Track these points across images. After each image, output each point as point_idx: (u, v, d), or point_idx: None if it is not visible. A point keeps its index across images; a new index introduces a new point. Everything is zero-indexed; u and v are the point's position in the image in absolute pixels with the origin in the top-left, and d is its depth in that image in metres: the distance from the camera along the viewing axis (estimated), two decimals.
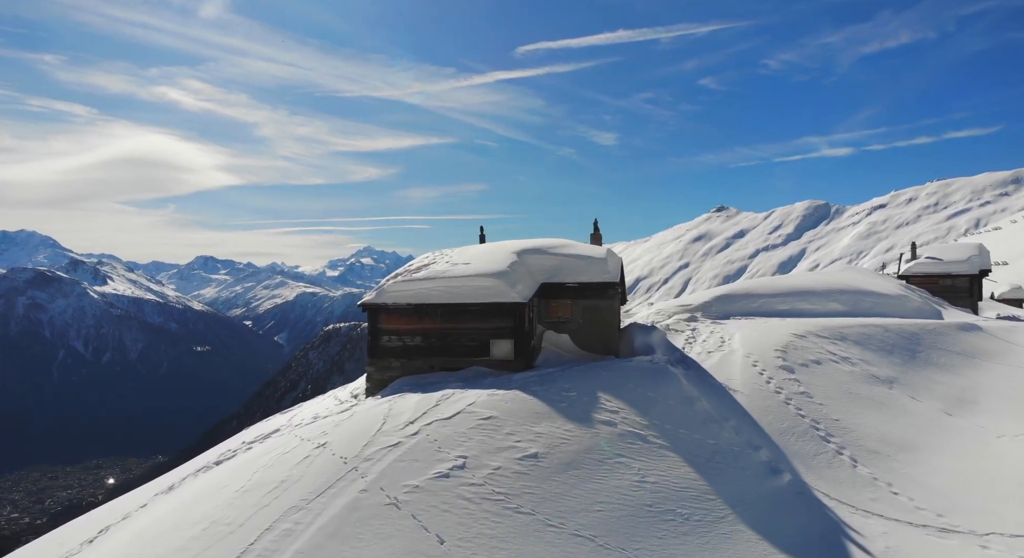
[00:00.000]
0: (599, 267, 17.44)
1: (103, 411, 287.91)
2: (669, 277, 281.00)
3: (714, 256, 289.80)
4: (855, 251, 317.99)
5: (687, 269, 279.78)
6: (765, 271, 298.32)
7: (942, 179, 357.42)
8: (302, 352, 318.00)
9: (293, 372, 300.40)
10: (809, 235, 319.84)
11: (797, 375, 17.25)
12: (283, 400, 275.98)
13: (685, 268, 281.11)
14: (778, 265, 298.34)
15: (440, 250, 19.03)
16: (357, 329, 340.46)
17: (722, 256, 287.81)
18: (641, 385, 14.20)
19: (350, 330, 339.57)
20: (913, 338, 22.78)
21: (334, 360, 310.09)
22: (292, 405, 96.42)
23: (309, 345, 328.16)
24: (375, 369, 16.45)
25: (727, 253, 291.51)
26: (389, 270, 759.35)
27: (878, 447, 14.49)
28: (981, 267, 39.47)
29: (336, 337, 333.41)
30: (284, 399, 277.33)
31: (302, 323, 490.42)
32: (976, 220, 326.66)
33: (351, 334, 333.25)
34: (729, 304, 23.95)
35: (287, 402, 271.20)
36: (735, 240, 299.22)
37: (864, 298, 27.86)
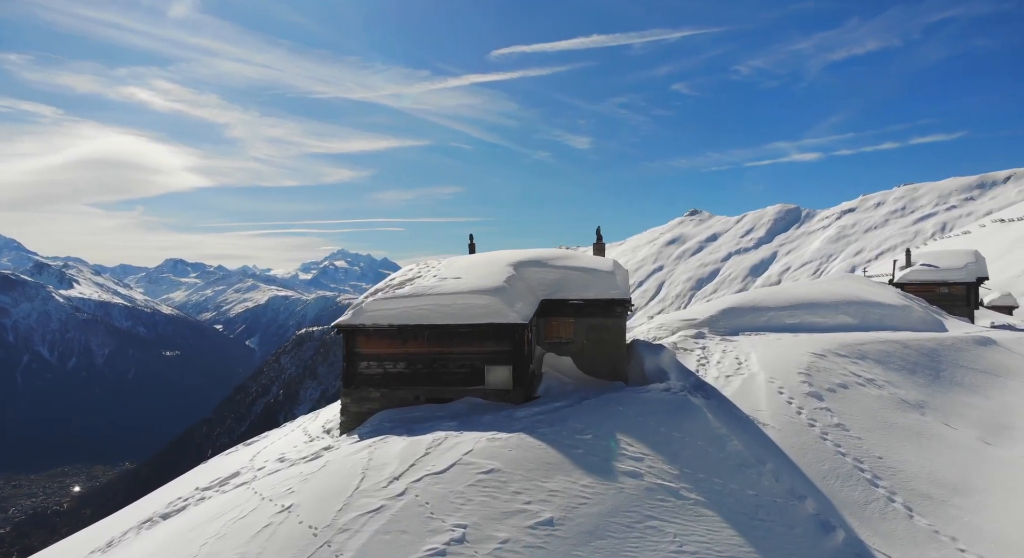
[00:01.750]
0: (606, 282, 15.46)
1: (69, 417, 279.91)
2: (643, 280, 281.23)
3: (687, 259, 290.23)
4: (825, 254, 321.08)
5: (661, 272, 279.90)
6: (737, 274, 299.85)
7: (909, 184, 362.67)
8: (274, 357, 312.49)
9: (265, 377, 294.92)
10: (780, 238, 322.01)
11: (827, 402, 15.46)
12: (254, 405, 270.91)
13: (659, 271, 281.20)
14: (750, 268, 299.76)
15: (425, 261, 16.93)
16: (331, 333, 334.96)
17: (695, 259, 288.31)
18: (664, 423, 12.24)
19: (323, 334, 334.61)
20: (933, 355, 21.19)
21: (307, 365, 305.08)
22: (264, 412, 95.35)
23: (281, 349, 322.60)
24: (351, 401, 14.29)
25: (700, 256, 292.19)
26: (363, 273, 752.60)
27: (929, 490, 12.72)
28: (978, 275, 38.31)
29: (309, 341, 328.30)
30: (256, 404, 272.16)
31: (274, 327, 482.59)
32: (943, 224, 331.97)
33: (324, 338, 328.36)
34: (736, 318, 22.16)
35: (258, 407, 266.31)
36: (708, 243, 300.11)
37: (871, 310, 26.29)
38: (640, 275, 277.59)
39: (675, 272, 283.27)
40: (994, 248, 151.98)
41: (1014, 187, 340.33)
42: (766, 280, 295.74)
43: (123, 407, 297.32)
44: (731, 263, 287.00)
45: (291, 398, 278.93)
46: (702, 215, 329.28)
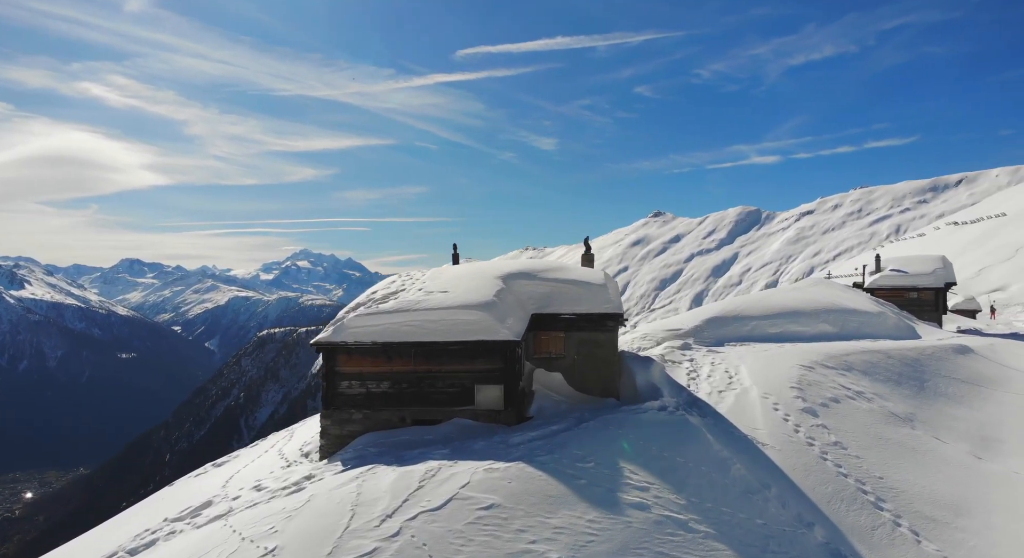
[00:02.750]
0: (598, 295, 14.89)
1: (20, 422, 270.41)
2: None
3: (651, 260, 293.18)
4: (785, 255, 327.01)
5: (626, 273, 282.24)
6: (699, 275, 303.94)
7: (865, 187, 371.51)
8: (235, 359, 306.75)
9: (225, 379, 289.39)
10: (741, 240, 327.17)
11: (821, 419, 15.13)
12: (214, 408, 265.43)
13: (624, 271, 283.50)
14: (712, 269, 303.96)
15: (408, 272, 16.17)
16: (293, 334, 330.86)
17: (659, 260, 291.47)
18: (666, 447, 11.71)
19: (285, 336, 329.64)
20: (915, 365, 21.12)
21: (268, 367, 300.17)
22: (225, 415, 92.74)
23: (242, 351, 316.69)
24: (332, 423, 13.48)
25: (664, 257, 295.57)
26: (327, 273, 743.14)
27: (932, 512, 12.42)
28: (946, 280, 38.82)
29: (271, 343, 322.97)
30: (215, 407, 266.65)
31: (234, 328, 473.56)
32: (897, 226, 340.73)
33: (286, 340, 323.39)
34: (720, 328, 21.84)
35: (218, 410, 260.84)
36: (671, 244, 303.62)
37: (850, 318, 26.27)
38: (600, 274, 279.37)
39: (640, 273, 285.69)
40: (948, 250, 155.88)
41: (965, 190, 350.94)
42: (727, 281, 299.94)
43: (77, 411, 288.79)
44: (694, 264, 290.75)
45: (252, 401, 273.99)
46: (666, 216, 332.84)
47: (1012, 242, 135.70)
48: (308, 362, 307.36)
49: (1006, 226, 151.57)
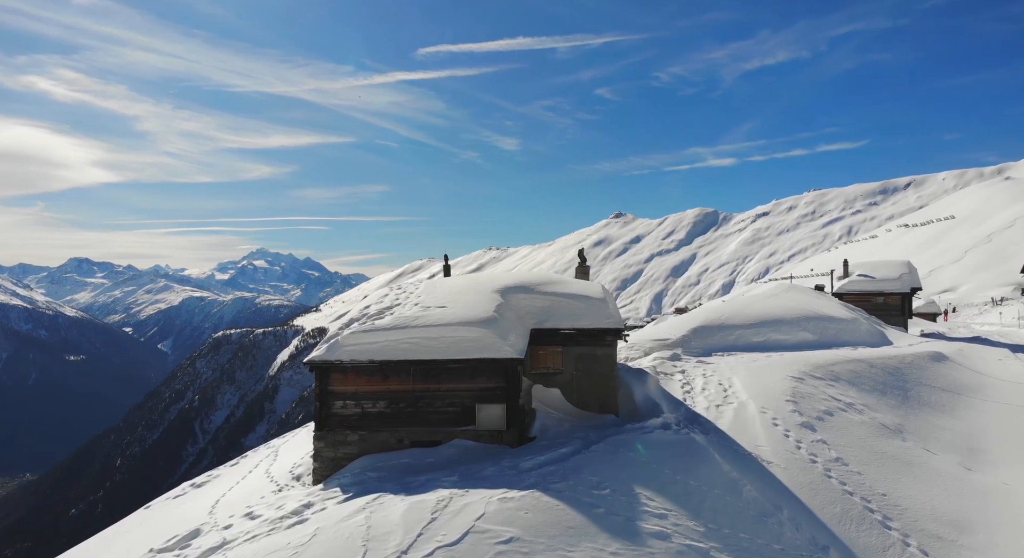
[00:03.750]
0: (599, 310, 14.57)
1: None
2: None
3: (613, 260, 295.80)
4: (741, 256, 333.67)
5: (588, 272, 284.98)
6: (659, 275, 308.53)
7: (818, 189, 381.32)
8: (189, 360, 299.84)
9: (179, 382, 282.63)
10: (699, 240, 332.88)
11: (820, 433, 15.09)
12: (168, 412, 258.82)
13: None
14: (671, 269, 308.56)
15: (399, 285, 15.63)
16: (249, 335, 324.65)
17: (620, 260, 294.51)
18: (679, 470, 11.43)
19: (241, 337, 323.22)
20: (897, 374, 21.36)
21: (224, 369, 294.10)
22: (179, 419, 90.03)
23: (197, 353, 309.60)
24: (326, 445, 12.89)
25: (625, 257, 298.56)
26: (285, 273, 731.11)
27: (937, 529, 12.41)
28: (912, 285, 39.66)
29: (226, 344, 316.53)
30: (169, 410, 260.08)
31: (188, 330, 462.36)
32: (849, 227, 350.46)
33: (243, 341, 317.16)
34: (707, 337, 21.78)
35: (172, 414, 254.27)
36: (632, 245, 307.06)
37: (827, 325, 26.53)
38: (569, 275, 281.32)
39: (602, 273, 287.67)
40: (900, 252, 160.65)
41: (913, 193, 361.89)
42: (686, 280, 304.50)
43: (23, 415, 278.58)
44: (653, 264, 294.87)
45: (207, 404, 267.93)
46: (626, 217, 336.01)
47: (961, 244, 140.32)
48: (265, 363, 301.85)
49: (955, 229, 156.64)
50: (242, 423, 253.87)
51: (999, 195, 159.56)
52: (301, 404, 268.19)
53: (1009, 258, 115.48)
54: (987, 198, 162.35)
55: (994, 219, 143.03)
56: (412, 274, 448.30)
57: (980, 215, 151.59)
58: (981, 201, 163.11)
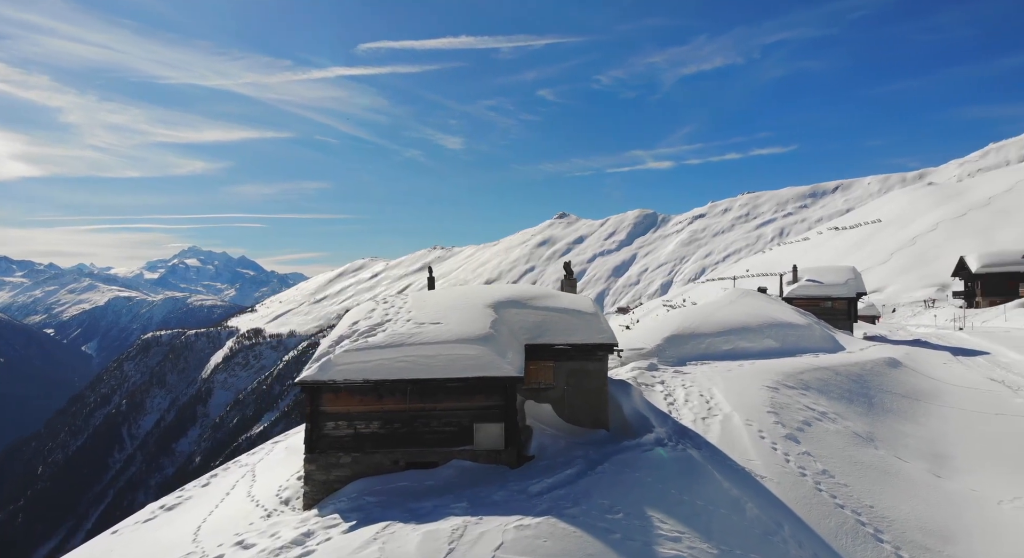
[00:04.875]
0: (592, 325, 14.48)
1: None
2: (516, 280, 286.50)
3: (557, 260, 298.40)
4: (679, 256, 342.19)
5: (533, 272, 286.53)
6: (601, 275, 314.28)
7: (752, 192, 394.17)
8: (115, 363, 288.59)
9: (105, 386, 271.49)
10: (639, 241, 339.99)
11: (804, 445, 15.38)
12: (93, 417, 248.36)
13: (531, 271, 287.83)
14: (613, 269, 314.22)
15: (384, 298, 15.18)
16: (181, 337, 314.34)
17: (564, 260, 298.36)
18: (684, 489, 11.43)
19: (172, 338, 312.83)
20: (860, 381, 22.04)
21: (154, 372, 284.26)
22: (105, 424, 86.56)
23: (124, 355, 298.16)
24: (317, 468, 12.40)
25: (568, 257, 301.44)
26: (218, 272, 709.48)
27: (924, 540, 12.77)
28: (857, 290, 41.14)
29: (156, 346, 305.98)
30: (94, 415, 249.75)
31: (115, 331, 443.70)
32: (781, 229, 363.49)
33: (174, 343, 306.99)
34: (680, 346, 22.03)
35: (97, 419, 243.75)
36: (575, 245, 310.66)
37: (788, 332, 27.21)
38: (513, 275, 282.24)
39: (546, 272, 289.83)
40: (830, 253, 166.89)
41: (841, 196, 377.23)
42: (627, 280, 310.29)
43: None
44: (596, 264, 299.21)
45: (136, 408, 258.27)
46: (570, 218, 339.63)
47: (887, 246, 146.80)
48: (198, 366, 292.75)
49: (881, 231, 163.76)
50: (173, 428, 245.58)
51: (923, 200, 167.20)
52: (236, 407, 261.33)
53: (932, 260, 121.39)
54: (911, 202, 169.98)
55: (918, 222, 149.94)
56: (353, 273, 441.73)
57: (905, 219, 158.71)
58: (906, 205, 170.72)
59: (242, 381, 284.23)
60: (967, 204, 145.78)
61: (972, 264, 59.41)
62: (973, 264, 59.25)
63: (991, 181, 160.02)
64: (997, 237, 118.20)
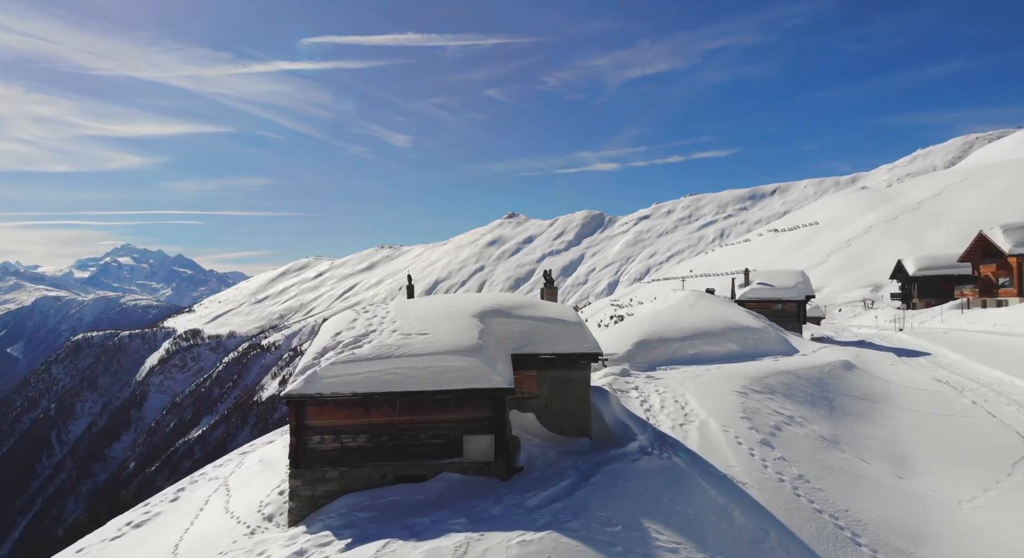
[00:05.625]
0: (577, 334, 14.53)
1: None
2: (466, 279, 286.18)
3: (507, 260, 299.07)
4: (625, 257, 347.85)
5: (482, 272, 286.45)
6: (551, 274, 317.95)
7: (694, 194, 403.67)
8: (43, 366, 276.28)
9: (32, 389, 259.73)
10: (587, 241, 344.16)
11: (778, 450, 15.77)
12: (19, 422, 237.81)
13: (481, 271, 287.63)
14: (562, 268, 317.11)
15: (365, 307, 14.92)
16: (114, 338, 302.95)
17: (514, 260, 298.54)
18: (676, 499, 11.57)
19: (105, 340, 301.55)
20: (820, 384, 22.76)
21: (85, 374, 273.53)
22: (33, 429, 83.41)
23: (52, 358, 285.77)
24: (303, 483, 12.09)
25: (518, 257, 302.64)
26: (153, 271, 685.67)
27: (897, 542, 13.22)
28: (806, 293, 42.48)
29: (87, 348, 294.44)
30: (21, 421, 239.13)
31: (43, 332, 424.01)
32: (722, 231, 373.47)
33: (106, 344, 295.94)
34: (649, 351, 22.36)
35: (25, 424, 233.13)
36: (525, 245, 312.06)
37: (748, 335, 27.89)
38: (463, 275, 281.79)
39: (495, 272, 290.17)
40: (770, 254, 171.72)
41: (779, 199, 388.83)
42: (575, 280, 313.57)
43: None
44: (545, 263, 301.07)
45: (65, 413, 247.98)
46: (519, 218, 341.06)
47: (824, 248, 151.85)
48: (132, 368, 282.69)
49: (818, 234, 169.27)
50: (106, 433, 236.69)
51: (857, 203, 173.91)
52: (173, 411, 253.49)
53: (866, 262, 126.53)
54: (847, 206, 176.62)
55: (853, 225, 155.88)
56: (296, 272, 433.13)
57: (840, 221, 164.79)
58: (841, 208, 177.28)
59: (179, 384, 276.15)
60: (898, 208, 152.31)
61: (909, 267, 62.03)
62: (910, 267, 61.87)
63: (920, 186, 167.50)
64: (927, 239, 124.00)
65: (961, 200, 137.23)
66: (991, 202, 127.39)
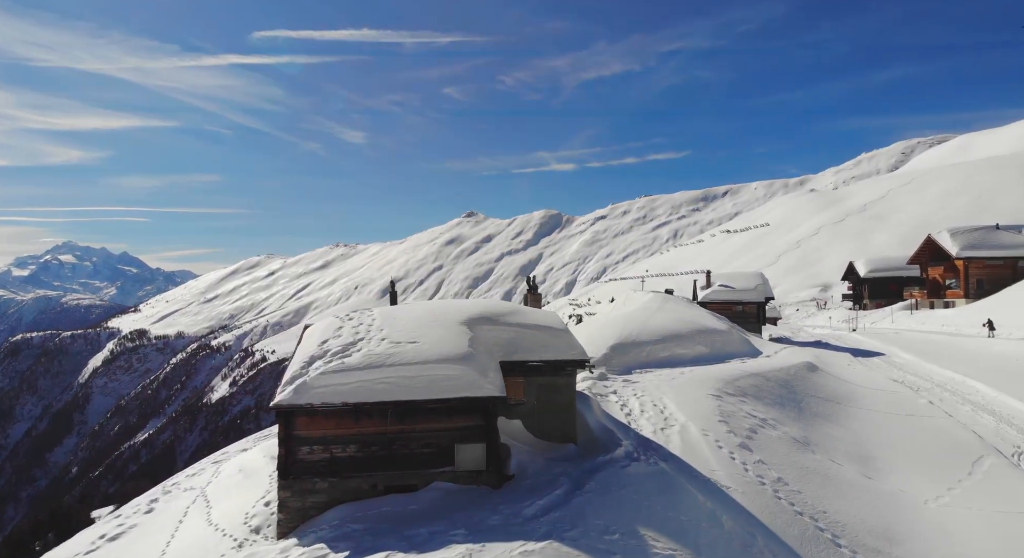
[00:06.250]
0: (564, 341, 14.60)
1: None
2: (424, 278, 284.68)
3: (465, 259, 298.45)
4: (582, 256, 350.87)
5: (441, 271, 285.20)
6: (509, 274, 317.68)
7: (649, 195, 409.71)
8: None
9: None
10: (545, 241, 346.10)
11: (756, 453, 16.10)
12: None
13: (439, 270, 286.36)
14: (520, 268, 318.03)
15: (348, 314, 14.72)
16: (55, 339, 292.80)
17: (472, 259, 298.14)
18: (669, 507, 11.72)
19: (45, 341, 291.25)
20: (787, 386, 23.31)
21: (24, 377, 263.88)
22: None
23: None
24: (292, 494, 11.88)
25: (476, 256, 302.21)
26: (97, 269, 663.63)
27: (875, 543, 13.63)
28: (765, 295, 43.48)
29: (26, 349, 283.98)
30: None
31: None
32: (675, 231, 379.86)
33: (46, 345, 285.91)
34: (624, 354, 22.60)
35: None
36: (484, 244, 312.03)
37: (715, 337, 28.41)
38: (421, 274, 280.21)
39: (454, 271, 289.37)
40: (723, 255, 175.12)
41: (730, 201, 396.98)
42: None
43: None
44: (504, 263, 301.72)
45: (3, 416, 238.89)
46: (478, 217, 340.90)
47: (774, 249, 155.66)
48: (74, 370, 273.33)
49: (769, 235, 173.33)
50: (46, 437, 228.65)
51: (806, 205, 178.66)
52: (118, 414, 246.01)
53: (815, 262, 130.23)
54: (796, 208, 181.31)
55: (802, 227, 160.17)
56: (248, 271, 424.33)
57: (790, 223, 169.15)
58: (791, 210, 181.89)
59: (124, 386, 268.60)
60: (845, 210, 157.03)
61: (861, 269, 64.03)
62: (861, 269, 63.86)
63: (866, 189, 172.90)
64: (873, 241, 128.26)
65: (905, 203, 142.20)
66: (933, 205, 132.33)
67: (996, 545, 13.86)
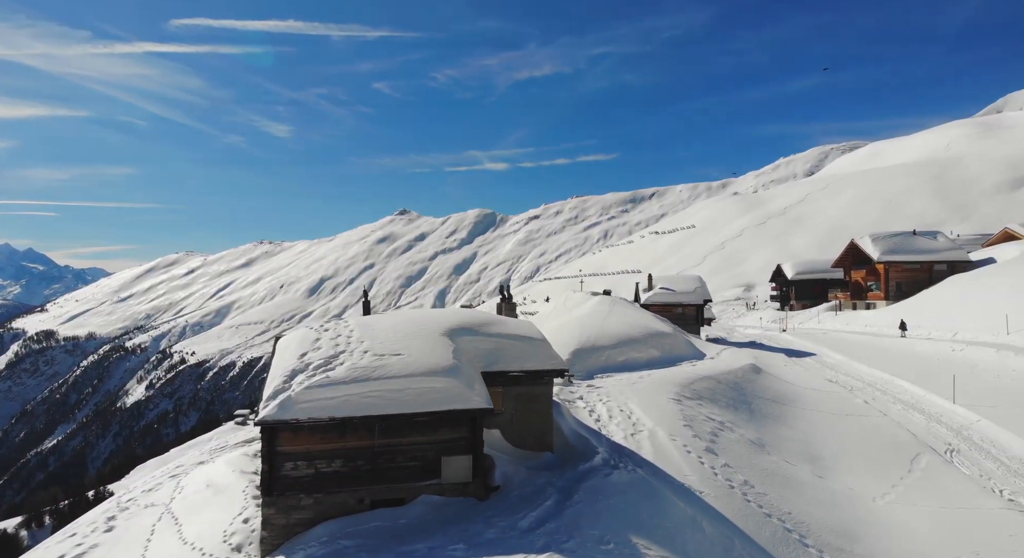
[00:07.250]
0: (542, 351, 14.73)
1: None
2: (355, 277, 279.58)
3: (398, 257, 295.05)
4: (516, 255, 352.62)
5: (372, 269, 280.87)
6: (443, 273, 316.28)
7: (580, 196, 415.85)
8: None
9: None
10: (479, 240, 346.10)
11: (721, 456, 16.66)
12: None
13: (371, 268, 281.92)
14: (454, 267, 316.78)
15: (325, 326, 14.42)
16: None
17: (405, 258, 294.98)
18: (655, 514, 12.01)
19: None
20: (737, 388, 24.16)
21: None
22: None
23: None
24: (276, 511, 11.59)
25: (410, 255, 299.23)
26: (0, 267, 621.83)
27: (837, 542, 14.31)
28: (704, 297, 44.83)
29: None
30: None
31: None
32: (606, 232, 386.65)
33: None
34: (585, 359, 22.96)
35: None
36: (417, 243, 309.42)
37: (664, 341, 29.15)
38: (352, 272, 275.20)
39: (386, 270, 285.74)
40: (652, 255, 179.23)
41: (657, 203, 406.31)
42: (467, 278, 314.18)
43: None
44: (437, 262, 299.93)
45: None
46: (411, 215, 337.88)
47: (700, 250, 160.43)
48: None
49: (695, 236, 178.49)
50: None
51: (730, 208, 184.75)
52: (23, 420, 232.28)
53: (739, 263, 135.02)
54: (721, 210, 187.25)
55: (726, 229, 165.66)
56: (165, 269, 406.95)
57: (715, 225, 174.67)
58: (716, 213, 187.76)
59: (30, 390, 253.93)
60: (767, 213, 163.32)
61: (788, 271, 66.78)
62: (789, 271, 66.62)
63: (786, 193, 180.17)
64: (793, 243, 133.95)
65: (822, 207, 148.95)
66: (848, 209, 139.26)
67: (943, 539, 14.78)
